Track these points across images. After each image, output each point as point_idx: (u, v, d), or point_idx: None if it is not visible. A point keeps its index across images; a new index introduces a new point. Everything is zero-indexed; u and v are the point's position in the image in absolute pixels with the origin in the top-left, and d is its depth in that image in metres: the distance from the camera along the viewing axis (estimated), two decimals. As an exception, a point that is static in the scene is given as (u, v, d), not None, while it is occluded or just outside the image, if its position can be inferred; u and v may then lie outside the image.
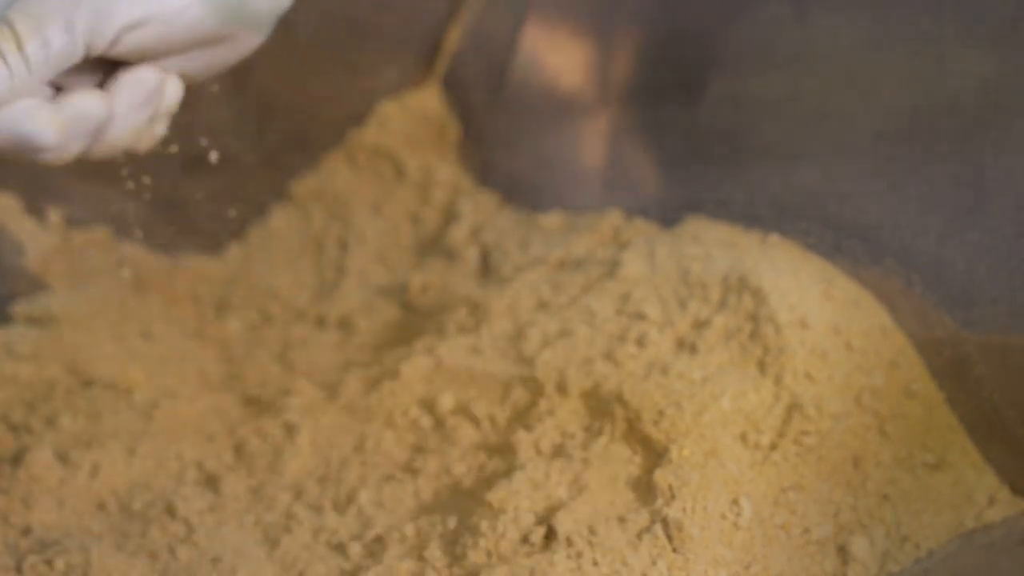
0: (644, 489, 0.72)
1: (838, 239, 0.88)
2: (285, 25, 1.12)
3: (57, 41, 0.60)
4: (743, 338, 0.82)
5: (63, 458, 0.85)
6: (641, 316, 0.85)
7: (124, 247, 1.12)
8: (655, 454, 0.74)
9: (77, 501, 0.83)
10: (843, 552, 0.71)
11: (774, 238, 0.91)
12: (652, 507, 0.70)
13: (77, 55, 0.61)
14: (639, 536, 0.68)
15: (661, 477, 0.71)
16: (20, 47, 0.58)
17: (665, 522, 0.68)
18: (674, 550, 0.67)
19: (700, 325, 0.84)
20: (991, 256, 0.79)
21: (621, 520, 0.69)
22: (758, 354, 0.80)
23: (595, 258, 0.95)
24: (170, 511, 0.82)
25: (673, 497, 0.69)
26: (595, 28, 1.02)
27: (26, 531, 0.79)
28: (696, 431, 0.73)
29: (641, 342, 0.83)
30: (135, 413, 0.91)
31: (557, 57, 0.95)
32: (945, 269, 0.82)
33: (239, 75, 1.10)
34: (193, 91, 1.11)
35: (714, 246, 0.91)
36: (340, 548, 0.77)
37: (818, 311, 0.83)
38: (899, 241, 0.85)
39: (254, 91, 1.14)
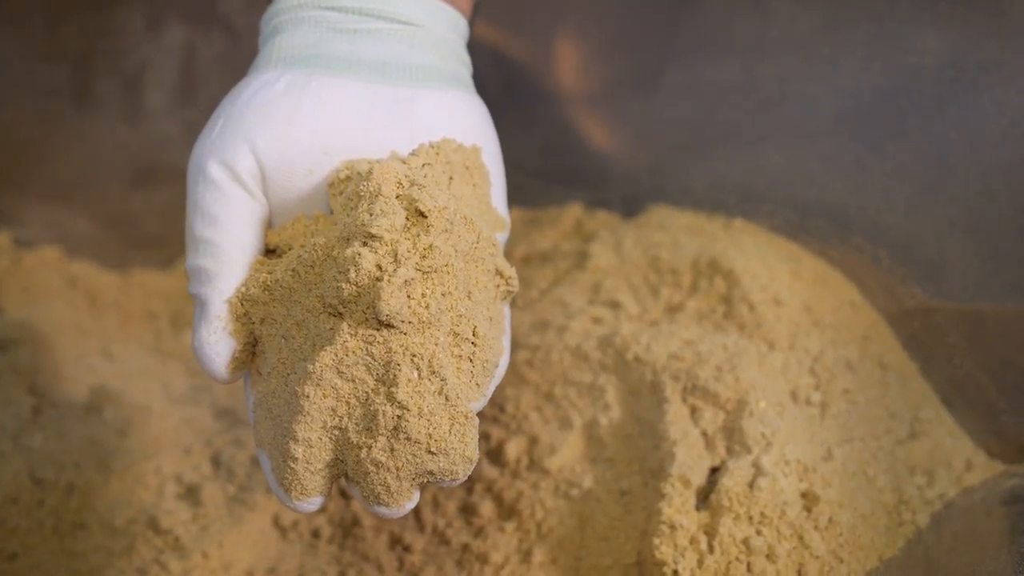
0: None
1: (804, 219, 0.90)
2: (232, 34, 1.12)
3: None
4: (717, 318, 0.83)
5: (37, 479, 0.84)
6: (614, 304, 0.86)
7: (75, 266, 1.11)
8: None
9: (57, 521, 0.82)
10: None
11: (739, 222, 0.93)
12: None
13: None
14: None
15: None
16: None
17: None
18: None
19: (674, 310, 0.85)
20: (959, 227, 0.81)
21: None
22: (734, 332, 0.82)
23: (561, 251, 0.96)
24: (153, 525, 0.81)
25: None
26: (546, 23, 1.02)
27: (12, 557, 0.77)
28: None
29: (617, 331, 0.83)
30: (108, 430, 0.89)
31: (511, 53, 0.95)
32: (914, 243, 0.84)
33: (188, 87, 1.10)
34: (141, 104, 1.10)
35: (680, 233, 0.92)
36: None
37: (789, 290, 0.84)
38: (866, 218, 0.86)
39: (204, 102, 1.13)
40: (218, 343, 0.58)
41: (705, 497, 0.73)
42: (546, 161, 1.02)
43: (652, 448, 0.76)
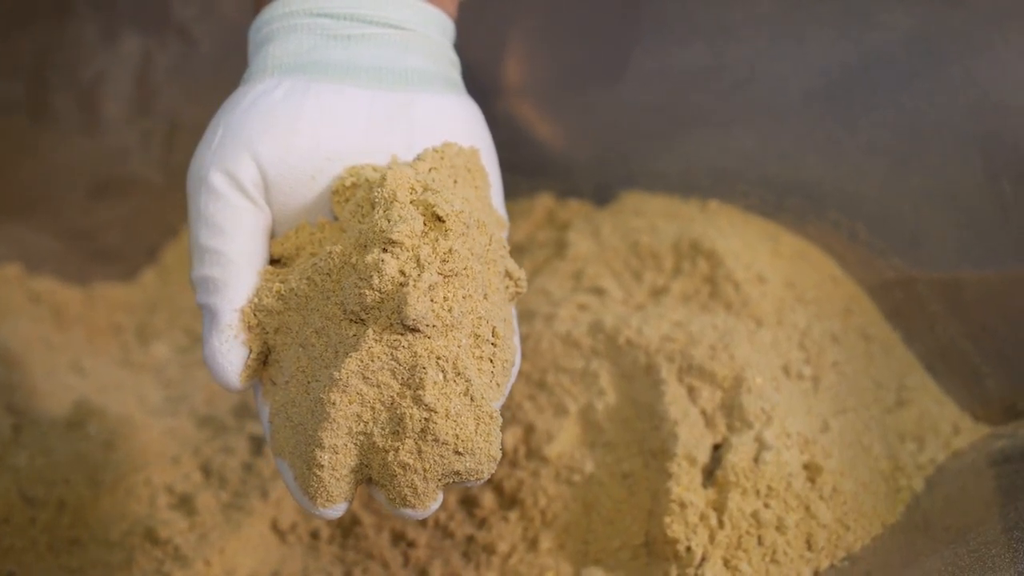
0: None
1: (780, 198, 0.91)
2: (189, 42, 1.11)
3: None
4: (703, 299, 0.84)
5: (27, 498, 0.83)
6: (599, 291, 0.87)
7: (37, 282, 1.09)
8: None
9: (51, 539, 0.81)
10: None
11: (714, 204, 0.93)
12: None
13: None
14: None
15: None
16: None
17: None
18: None
19: (658, 293, 0.86)
20: (935, 198, 0.83)
21: None
22: (721, 311, 0.83)
23: (536, 241, 0.96)
24: (151, 536, 0.80)
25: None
26: (506, 14, 1.02)
27: (9, 576, 0.77)
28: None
29: (605, 316, 0.84)
30: (93, 444, 0.88)
31: (470, 48, 0.95)
32: (891, 215, 0.85)
33: (145, 96, 1.09)
34: (98, 115, 1.09)
35: (657, 217, 0.93)
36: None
37: (771, 268, 0.86)
38: (842, 193, 0.88)
39: (160, 111, 1.12)
40: (230, 352, 0.58)
41: (710, 474, 0.74)
42: (512, 154, 1.01)
43: (651, 430, 0.77)
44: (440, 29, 0.66)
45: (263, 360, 0.60)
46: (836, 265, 0.88)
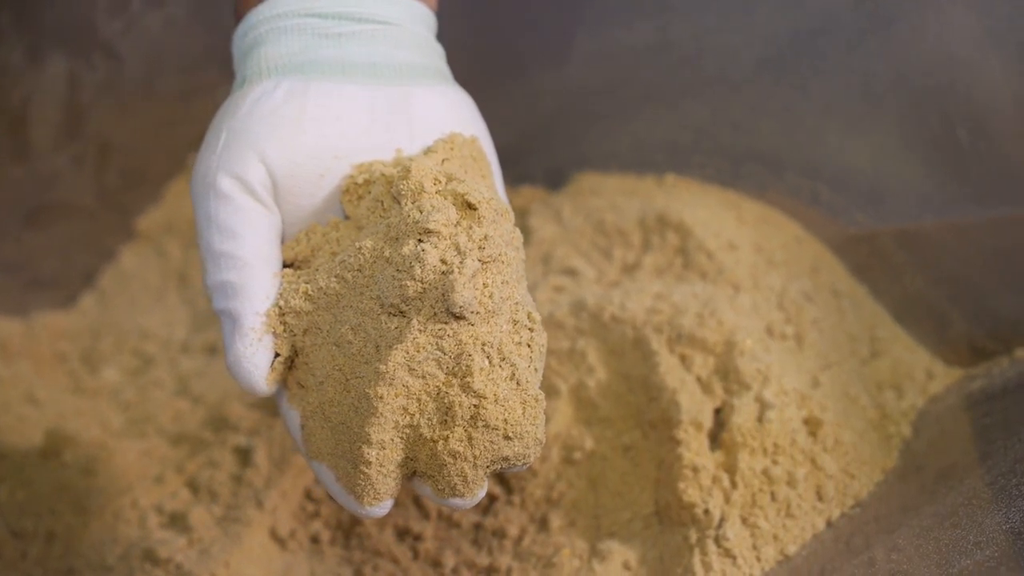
0: None
1: (737, 166, 0.93)
2: (116, 62, 1.09)
3: None
4: (677, 270, 0.86)
5: (15, 532, 0.81)
6: (571, 272, 0.88)
7: (-25, 316, 1.07)
8: None
9: (44, 571, 0.79)
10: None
11: (671, 177, 0.95)
12: None
13: None
14: None
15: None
16: None
17: None
18: None
19: (630, 268, 0.87)
20: (893, 152, 0.85)
21: None
22: (697, 280, 0.84)
23: (496, 230, 0.97)
24: (150, 557, 0.79)
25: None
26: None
27: (8, 611, 0.75)
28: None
29: (584, 296, 0.85)
30: (72, 472, 0.87)
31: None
32: (850, 173, 0.87)
33: (73, 119, 1.07)
34: (27, 141, 1.07)
35: (616, 196, 0.94)
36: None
37: (738, 234, 0.87)
38: (800, 157, 0.90)
39: (90, 133, 1.09)
40: (255, 356, 0.58)
41: (714, 438, 0.75)
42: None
43: (648, 401, 0.78)
44: (425, 22, 0.67)
45: (289, 363, 0.59)
46: (799, 226, 0.90)
